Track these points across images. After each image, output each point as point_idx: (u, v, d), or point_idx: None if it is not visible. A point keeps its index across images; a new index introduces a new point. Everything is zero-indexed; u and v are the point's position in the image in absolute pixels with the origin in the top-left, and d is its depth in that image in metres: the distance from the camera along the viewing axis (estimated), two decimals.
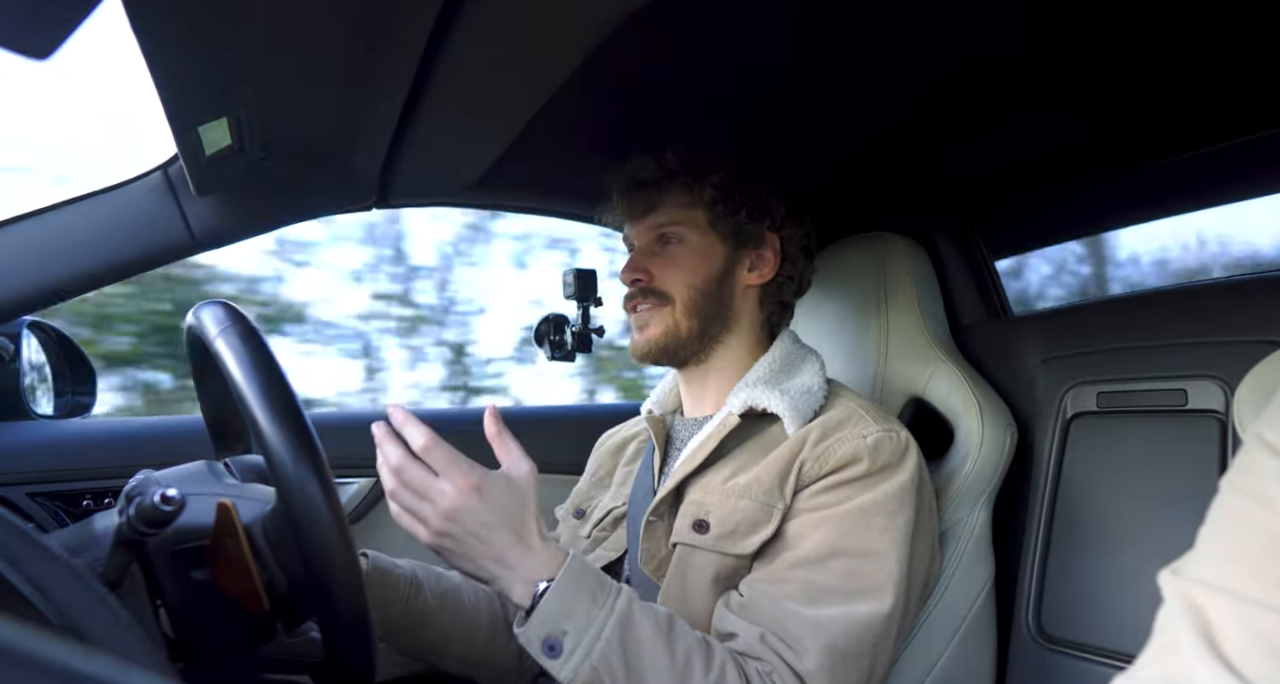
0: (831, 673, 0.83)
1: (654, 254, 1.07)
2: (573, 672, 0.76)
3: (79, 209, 1.01)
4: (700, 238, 1.06)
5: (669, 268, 1.06)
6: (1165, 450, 1.03)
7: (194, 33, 0.70)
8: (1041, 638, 1.10)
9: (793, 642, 0.84)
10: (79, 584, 0.47)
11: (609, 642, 0.77)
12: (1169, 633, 0.43)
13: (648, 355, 1.07)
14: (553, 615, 0.77)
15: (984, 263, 1.39)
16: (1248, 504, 0.43)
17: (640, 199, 1.07)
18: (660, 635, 0.79)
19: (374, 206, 1.22)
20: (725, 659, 0.82)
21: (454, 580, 1.10)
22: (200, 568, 0.71)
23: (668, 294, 1.05)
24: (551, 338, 1.45)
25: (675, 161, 1.06)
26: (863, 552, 0.89)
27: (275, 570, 0.72)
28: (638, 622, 0.79)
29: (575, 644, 0.77)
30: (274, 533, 0.72)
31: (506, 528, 0.79)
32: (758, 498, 0.94)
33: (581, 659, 0.76)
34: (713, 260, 1.06)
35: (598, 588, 0.80)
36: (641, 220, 1.08)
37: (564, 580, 0.78)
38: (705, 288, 1.05)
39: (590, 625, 0.77)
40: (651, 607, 0.83)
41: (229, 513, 0.69)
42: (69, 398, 1.34)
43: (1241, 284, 1.06)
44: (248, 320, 0.70)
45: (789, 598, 0.87)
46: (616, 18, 0.73)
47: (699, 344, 1.06)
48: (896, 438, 0.95)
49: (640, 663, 0.77)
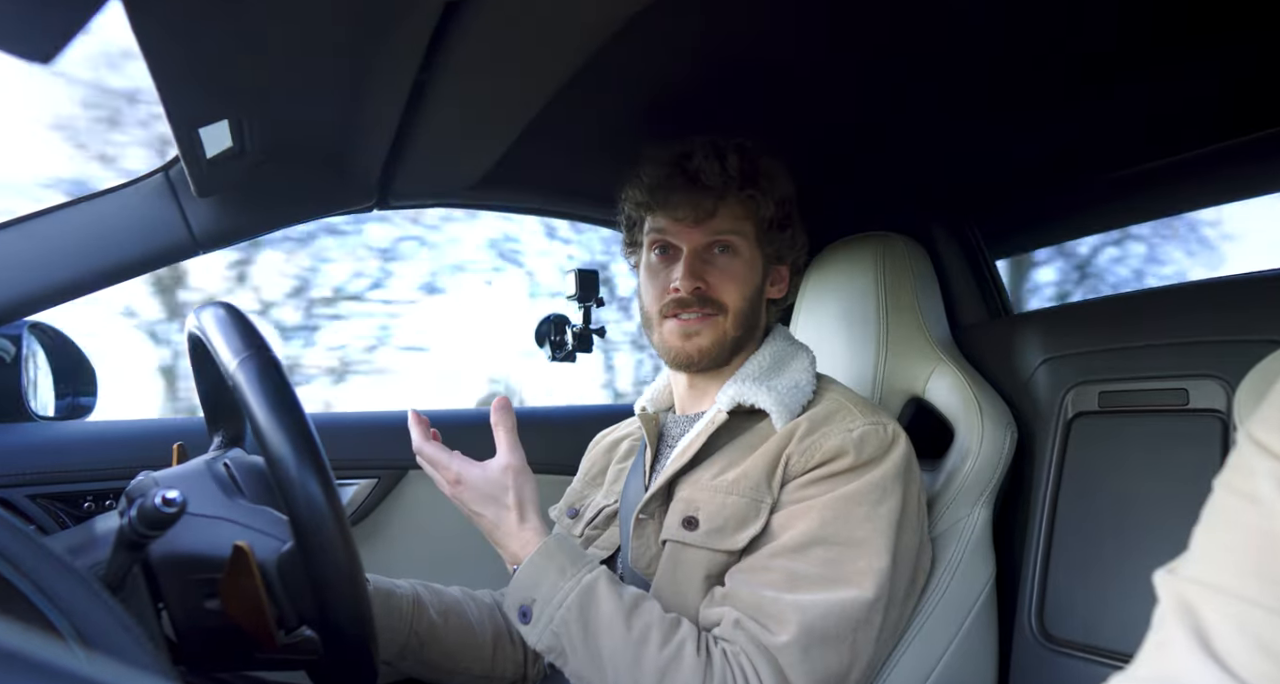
0: (805, 652, 0.83)
1: (707, 262, 1.03)
2: (538, 636, 0.87)
3: (80, 211, 1.01)
4: (750, 250, 1.04)
5: (725, 278, 1.03)
6: (1167, 450, 1.03)
7: (195, 35, 0.70)
8: (1044, 638, 1.10)
9: (766, 621, 0.85)
10: (81, 586, 0.47)
11: (569, 610, 0.86)
12: (1163, 631, 0.43)
13: (694, 364, 1.04)
14: (523, 586, 0.89)
15: (984, 263, 1.39)
16: (1239, 503, 0.44)
17: (700, 203, 1.01)
18: (621, 610, 0.86)
19: (375, 208, 1.22)
20: (686, 637, 0.85)
21: (455, 595, 1.11)
22: (213, 598, 0.71)
23: (723, 304, 1.03)
24: (553, 338, 1.45)
25: (741, 168, 1.02)
26: (844, 540, 0.89)
27: (288, 610, 0.72)
28: (600, 596, 0.86)
29: (541, 610, 0.87)
30: (289, 574, 0.71)
31: (488, 512, 0.92)
32: (746, 494, 0.95)
33: (545, 625, 0.86)
34: (757, 274, 1.05)
35: (568, 564, 0.89)
36: (699, 226, 1.03)
37: (537, 555, 0.89)
38: (752, 300, 1.05)
39: (554, 595, 0.87)
40: (625, 587, 0.89)
41: (245, 556, 0.68)
42: (69, 399, 1.33)
43: (1243, 283, 1.06)
44: (267, 349, 0.69)
45: (769, 585, 0.88)
46: (616, 19, 0.73)
47: (731, 353, 1.05)
48: (883, 431, 0.95)
49: (596, 634, 0.85)
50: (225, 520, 0.74)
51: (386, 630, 0.99)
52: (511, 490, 0.91)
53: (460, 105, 0.92)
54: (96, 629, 0.45)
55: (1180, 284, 1.16)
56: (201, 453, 0.89)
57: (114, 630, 0.45)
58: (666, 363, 1.08)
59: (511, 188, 1.35)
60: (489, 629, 1.09)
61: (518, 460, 0.93)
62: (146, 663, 0.46)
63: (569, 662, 0.86)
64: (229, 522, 0.74)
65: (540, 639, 0.87)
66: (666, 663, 0.83)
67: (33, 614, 0.44)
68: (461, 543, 1.44)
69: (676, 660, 0.83)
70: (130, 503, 0.64)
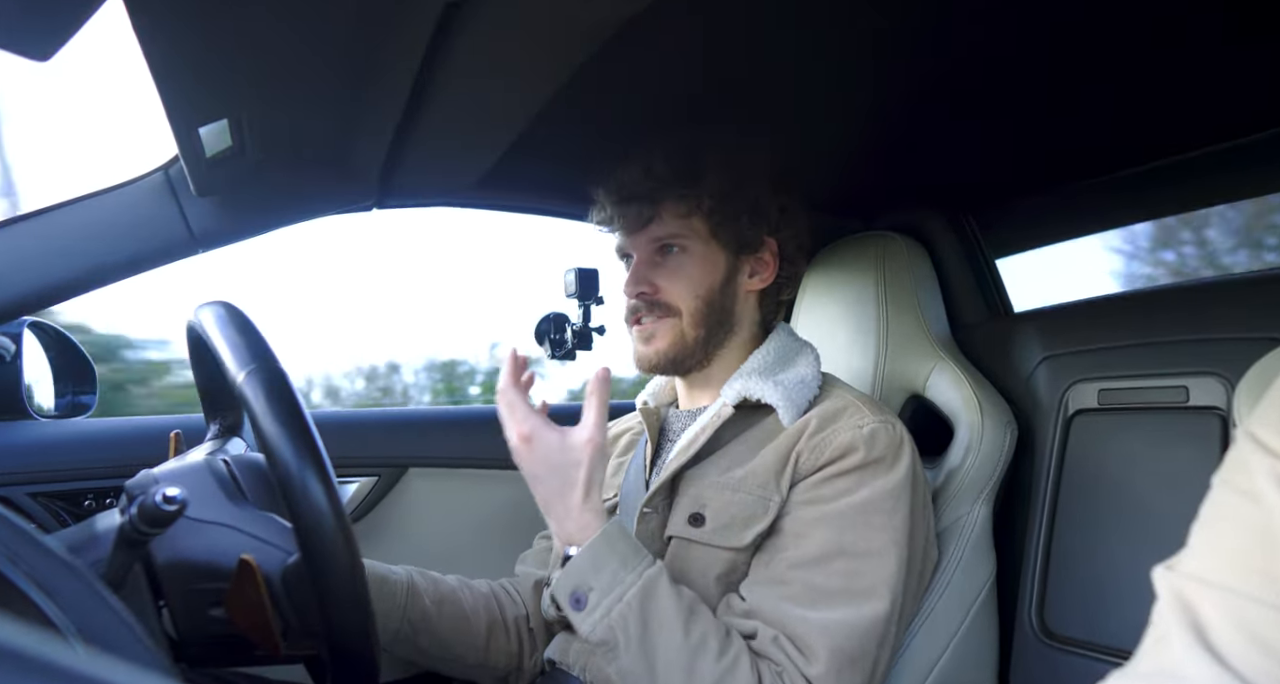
0: (838, 676, 0.84)
1: (656, 265, 1.04)
2: (593, 626, 0.83)
3: (80, 209, 1.01)
4: (703, 247, 1.04)
5: (673, 279, 1.03)
6: (1167, 447, 1.03)
7: (195, 35, 0.70)
8: (1045, 636, 1.10)
9: (801, 646, 0.85)
10: (81, 584, 0.47)
11: (629, 605, 0.82)
12: (1161, 628, 0.44)
13: (656, 367, 1.05)
14: (581, 571, 0.85)
15: (984, 261, 1.39)
16: (1237, 500, 0.44)
17: (635, 211, 1.03)
18: (680, 612, 0.83)
19: (374, 207, 1.22)
20: (742, 651, 0.83)
21: (451, 584, 1.10)
22: (217, 607, 0.70)
23: (674, 306, 1.03)
24: (552, 337, 1.45)
25: (666, 171, 1.02)
26: (863, 551, 0.89)
27: (294, 622, 0.71)
28: (661, 594, 0.84)
29: (599, 600, 0.83)
30: (295, 588, 0.71)
31: (551, 483, 0.87)
32: (753, 491, 0.94)
33: (602, 616, 0.82)
34: (716, 269, 1.04)
35: (631, 554, 0.86)
36: (640, 233, 1.04)
37: (598, 541, 0.85)
38: (710, 297, 1.03)
39: (615, 586, 0.83)
40: (681, 588, 0.87)
41: (252, 570, 0.68)
42: (69, 398, 1.34)
43: (1243, 281, 1.06)
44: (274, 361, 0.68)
45: (791, 600, 0.87)
46: (616, 20, 0.73)
47: (703, 352, 1.05)
48: (892, 430, 0.95)
49: (655, 632, 0.82)
50: (230, 528, 0.73)
51: (379, 616, 0.98)
52: (585, 466, 0.87)
53: (460, 105, 0.92)
54: (97, 627, 0.45)
55: (1181, 282, 1.17)
56: (199, 444, 0.89)
57: (115, 628, 0.45)
58: (636, 368, 1.09)
59: (511, 188, 1.35)
60: (483, 619, 1.09)
61: (601, 438, 0.88)
62: (147, 660, 0.46)
63: (619, 657, 0.82)
64: (234, 530, 0.73)
65: (595, 630, 0.83)
66: (722, 675, 0.81)
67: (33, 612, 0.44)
68: (461, 540, 1.44)
69: (732, 674, 0.82)
70: (131, 500, 0.64)
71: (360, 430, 1.45)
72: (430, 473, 1.44)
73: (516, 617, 1.12)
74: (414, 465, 1.43)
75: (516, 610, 1.13)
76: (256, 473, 0.82)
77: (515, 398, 0.89)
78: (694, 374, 1.08)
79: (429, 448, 1.46)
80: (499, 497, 1.45)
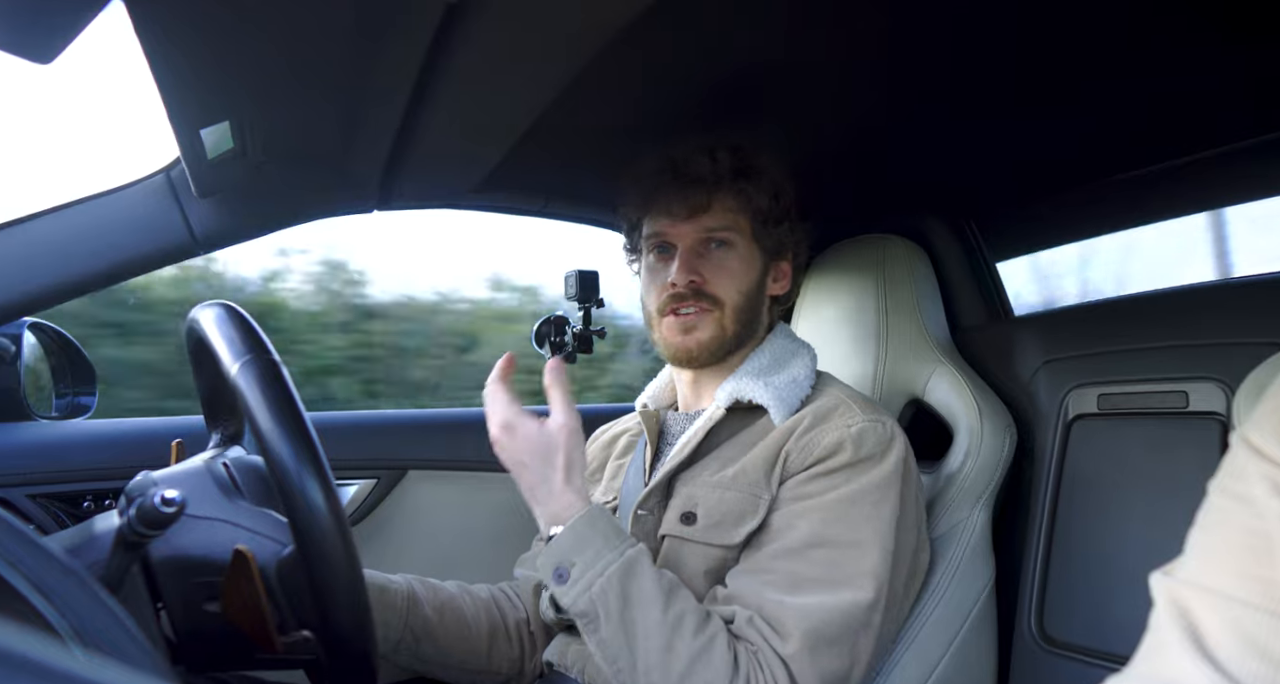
0: (813, 655, 0.84)
1: (702, 256, 1.03)
2: (574, 599, 0.85)
3: (81, 210, 1.01)
4: (746, 245, 1.04)
5: (720, 272, 1.03)
6: (1166, 452, 1.03)
7: (197, 37, 0.70)
8: (1043, 640, 1.10)
9: (776, 626, 0.85)
10: (79, 586, 0.47)
11: (610, 579, 0.84)
12: (1158, 633, 0.44)
13: (694, 359, 1.04)
14: (564, 548, 0.87)
15: (984, 264, 1.39)
16: (1232, 505, 0.44)
17: (692, 198, 1.01)
18: (660, 591, 0.85)
19: (375, 209, 1.22)
20: (719, 631, 0.84)
21: (451, 591, 1.10)
22: (213, 601, 0.71)
23: (719, 298, 1.02)
24: (552, 339, 1.45)
25: (731, 163, 1.02)
26: (845, 542, 0.89)
27: (289, 614, 0.71)
28: (642, 572, 0.85)
29: (581, 574, 0.85)
30: (290, 579, 0.71)
31: (534, 469, 0.90)
32: (744, 489, 0.95)
33: (584, 589, 0.85)
34: (754, 269, 1.05)
35: (613, 534, 0.88)
36: (689, 221, 1.02)
37: (582, 520, 0.88)
38: (750, 294, 1.04)
39: (597, 562, 0.85)
40: (663, 570, 0.88)
41: (246, 561, 0.68)
42: (69, 398, 1.34)
43: (1242, 286, 1.06)
44: (268, 352, 0.69)
45: (771, 586, 0.88)
46: (618, 21, 0.73)
47: (733, 347, 1.05)
48: (882, 428, 0.95)
49: (634, 607, 0.84)
50: (226, 522, 0.73)
51: (380, 626, 0.99)
52: (563, 451, 0.90)
53: (462, 106, 0.92)
54: (95, 629, 0.45)
55: (1180, 287, 1.16)
56: (200, 451, 0.89)
57: (112, 630, 0.45)
58: (667, 360, 1.08)
59: (513, 189, 1.35)
60: (484, 625, 1.09)
61: (574, 421, 0.91)
62: (145, 663, 0.46)
63: (599, 629, 0.84)
64: (229, 524, 0.73)
65: (576, 602, 0.85)
66: (699, 651, 0.83)
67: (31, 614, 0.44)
68: (461, 542, 1.44)
69: (708, 651, 0.83)
70: (129, 502, 0.64)
71: (359, 432, 1.45)
72: (429, 475, 1.44)
73: (518, 621, 1.13)
74: (413, 467, 1.43)
75: (517, 614, 1.13)
76: (254, 473, 0.82)
77: (499, 391, 0.94)
78: (710, 372, 1.07)
79: (428, 450, 1.46)
80: (498, 498, 1.45)
